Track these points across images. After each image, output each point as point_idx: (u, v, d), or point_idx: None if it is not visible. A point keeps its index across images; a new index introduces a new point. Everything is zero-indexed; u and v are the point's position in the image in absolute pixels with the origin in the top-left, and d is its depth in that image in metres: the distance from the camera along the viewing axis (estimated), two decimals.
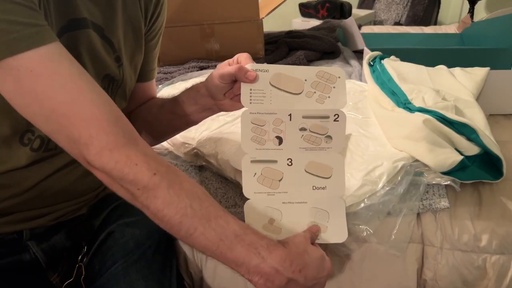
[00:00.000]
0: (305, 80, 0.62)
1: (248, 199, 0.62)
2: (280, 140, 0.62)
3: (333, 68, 0.62)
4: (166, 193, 0.49)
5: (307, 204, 0.62)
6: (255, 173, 0.62)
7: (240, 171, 0.75)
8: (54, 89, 0.47)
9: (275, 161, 0.62)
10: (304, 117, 0.62)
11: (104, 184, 0.52)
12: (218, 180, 0.80)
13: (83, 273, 0.66)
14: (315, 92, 0.62)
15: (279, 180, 0.62)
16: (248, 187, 0.62)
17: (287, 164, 0.62)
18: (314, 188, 0.62)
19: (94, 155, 0.48)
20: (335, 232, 0.61)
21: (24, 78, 0.46)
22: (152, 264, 0.67)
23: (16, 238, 0.62)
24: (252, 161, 0.62)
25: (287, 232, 0.60)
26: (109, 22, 0.61)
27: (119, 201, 0.71)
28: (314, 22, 2.42)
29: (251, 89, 0.61)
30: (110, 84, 0.64)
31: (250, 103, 0.61)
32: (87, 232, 0.68)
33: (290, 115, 0.62)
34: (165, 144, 0.89)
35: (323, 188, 0.62)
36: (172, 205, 0.49)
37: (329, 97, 0.62)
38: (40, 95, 0.47)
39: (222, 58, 1.37)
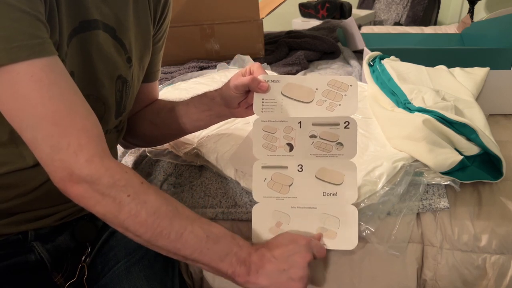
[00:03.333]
0: (316, 89, 0.63)
1: (256, 203, 0.64)
2: (291, 147, 0.64)
3: (345, 77, 0.64)
4: (155, 198, 0.51)
5: (317, 209, 0.63)
6: (265, 178, 0.64)
7: (240, 171, 0.75)
8: (50, 97, 0.48)
9: (286, 167, 0.64)
10: (314, 124, 0.64)
11: (80, 201, 0.51)
12: (218, 180, 0.80)
13: (86, 273, 0.66)
14: (325, 100, 0.63)
15: (289, 186, 0.64)
16: (258, 192, 0.64)
17: (298, 170, 0.64)
18: (324, 194, 0.63)
19: (83, 162, 0.48)
20: (344, 239, 0.61)
21: (22, 83, 0.46)
22: (155, 263, 0.67)
23: (21, 239, 0.62)
24: (263, 167, 0.64)
25: None
26: (121, 23, 0.61)
27: None
28: (314, 22, 2.42)
29: (263, 99, 0.63)
30: (124, 86, 0.65)
31: (262, 111, 0.63)
32: (91, 232, 0.68)
33: (300, 122, 0.64)
34: (165, 144, 0.89)
35: (334, 195, 0.63)
36: (161, 208, 0.51)
37: (339, 104, 0.63)
38: (34, 101, 0.47)
39: (222, 58, 1.39)
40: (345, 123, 0.63)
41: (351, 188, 0.63)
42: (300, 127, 0.64)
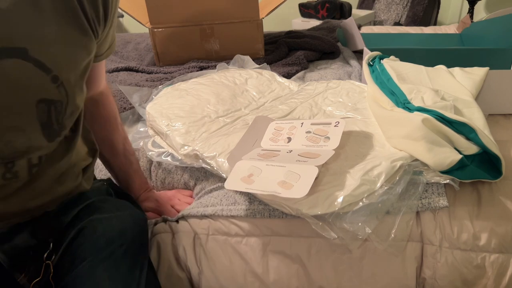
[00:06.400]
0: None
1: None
2: (289, 139, 0.78)
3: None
4: None
5: (285, 167, 0.69)
6: (258, 153, 0.76)
7: None
8: None
9: (279, 151, 0.76)
10: (312, 124, 0.80)
11: None
12: (220, 180, 0.80)
13: (52, 271, 0.63)
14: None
15: (274, 157, 0.74)
16: (248, 157, 0.74)
17: (286, 152, 0.75)
18: (297, 161, 0.70)
19: None
20: (297, 190, 0.65)
21: None
22: (121, 264, 0.64)
23: None
24: (262, 149, 0.77)
25: (258, 185, 0.67)
26: (34, 40, 0.52)
27: (92, 199, 0.70)
28: (314, 22, 2.42)
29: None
30: (51, 107, 0.57)
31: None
32: (53, 229, 0.65)
33: (302, 123, 0.81)
34: (165, 146, 0.90)
35: (305, 162, 0.69)
36: None
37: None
38: None
39: (222, 58, 1.39)
40: (335, 122, 0.77)
41: (322, 159, 0.69)
42: (301, 127, 0.79)
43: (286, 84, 1.12)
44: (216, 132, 0.88)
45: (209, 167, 0.81)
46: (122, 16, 2.89)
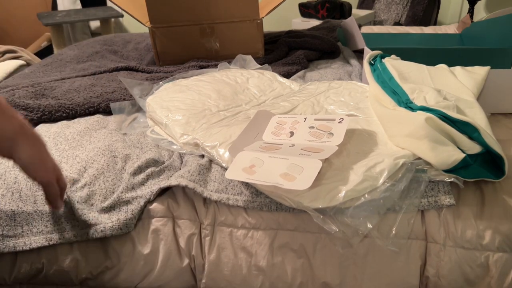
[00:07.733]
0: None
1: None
2: (292, 134, 0.78)
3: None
4: None
5: (288, 160, 0.69)
6: (260, 146, 0.76)
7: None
8: None
9: (281, 144, 0.75)
10: (315, 119, 0.80)
11: None
12: (222, 168, 0.79)
13: None
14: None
15: (276, 150, 0.73)
16: (250, 148, 0.74)
17: (289, 146, 0.75)
18: (300, 155, 0.70)
19: None
20: (299, 182, 0.64)
21: None
22: None
23: None
24: (264, 142, 0.77)
25: (260, 176, 0.67)
26: None
27: None
28: (314, 22, 2.42)
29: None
30: None
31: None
32: None
33: (305, 118, 0.81)
34: (164, 135, 0.89)
35: (308, 155, 0.69)
36: None
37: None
38: None
39: (222, 58, 1.39)
40: (340, 119, 0.77)
41: (325, 154, 0.69)
42: (304, 121, 0.80)
43: (287, 84, 1.12)
44: (217, 123, 0.88)
45: (209, 155, 0.81)
46: (122, 15, 2.88)
